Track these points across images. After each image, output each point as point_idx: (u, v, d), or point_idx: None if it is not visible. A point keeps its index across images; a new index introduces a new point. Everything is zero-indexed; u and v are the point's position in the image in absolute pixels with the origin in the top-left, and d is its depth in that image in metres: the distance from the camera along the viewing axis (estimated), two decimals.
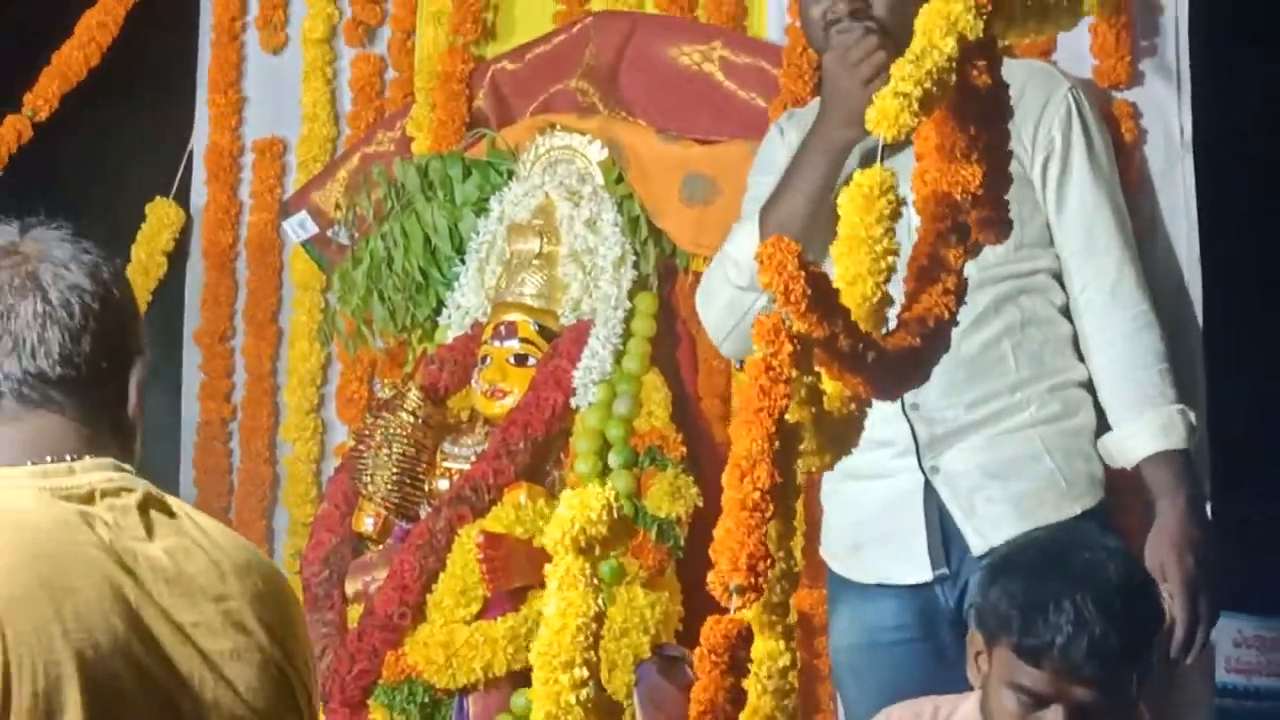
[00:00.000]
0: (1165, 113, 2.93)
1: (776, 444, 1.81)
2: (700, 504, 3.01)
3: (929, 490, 2.61)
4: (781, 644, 2.01)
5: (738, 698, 1.82)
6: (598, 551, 2.33)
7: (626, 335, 3.16)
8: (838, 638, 2.73)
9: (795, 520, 2.07)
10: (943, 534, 2.61)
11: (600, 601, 2.42)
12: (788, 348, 1.81)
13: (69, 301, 1.44)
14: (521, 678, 2.81)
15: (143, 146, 3.94)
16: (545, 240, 3.24)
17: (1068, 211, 2.65)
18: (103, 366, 1.46)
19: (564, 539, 2.31)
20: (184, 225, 3.86)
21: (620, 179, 3.27)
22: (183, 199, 3.90)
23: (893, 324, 1.99)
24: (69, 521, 1.38)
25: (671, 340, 3.26)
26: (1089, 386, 2.63)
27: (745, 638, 1.82)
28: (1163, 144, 2.91)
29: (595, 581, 2.32)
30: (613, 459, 3.04)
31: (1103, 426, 2.63)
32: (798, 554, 2.09)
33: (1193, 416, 2.58)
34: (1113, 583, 2.16)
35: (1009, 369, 2.62)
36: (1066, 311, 2.64)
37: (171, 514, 1.45)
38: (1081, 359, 2.64)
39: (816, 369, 1.89)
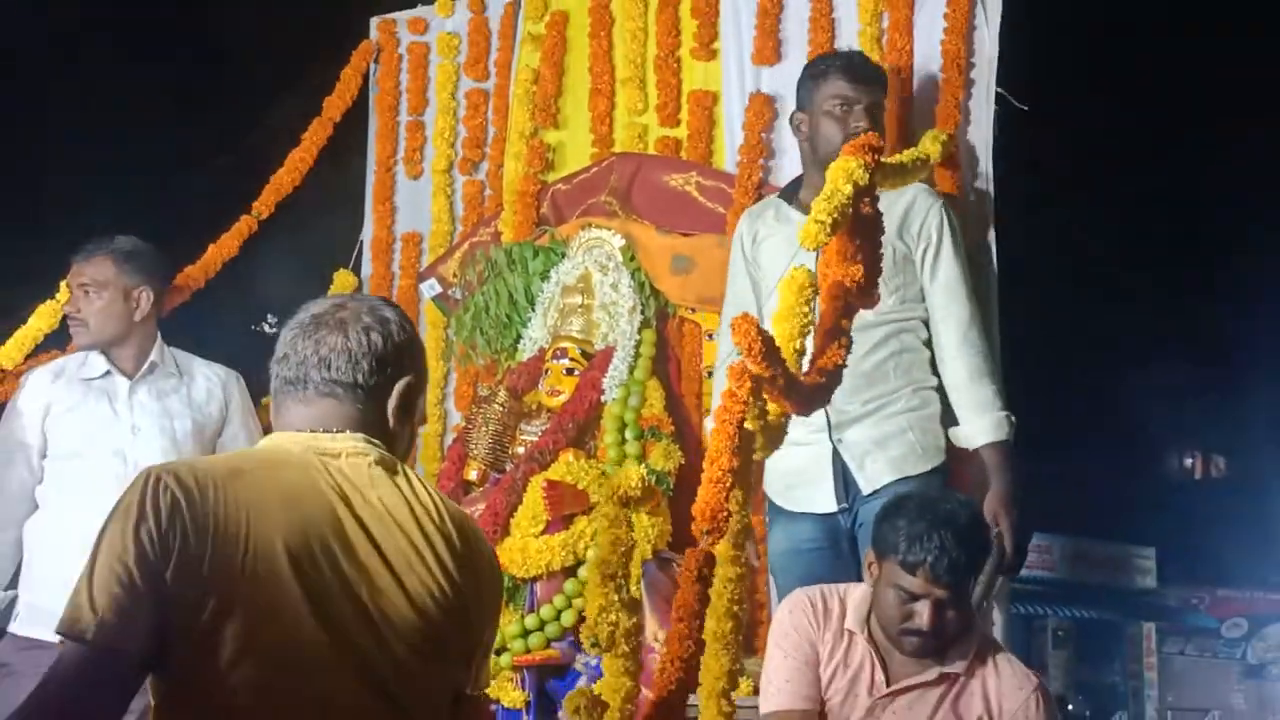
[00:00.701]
0: (979, 207, 3.08)
1: (737, 441, 1.90)
2: (682, 462, 3.21)
3: (836, 454, 2.75)
4: (737, 570, 2.07)
5: (704, 599, 1.94)
6: (632, 505, 2.52)
7: (636, 356, 3.35)
8: (773, 545, 2.84)
9: (750, 490, 2.17)
10: (844, 481, 2.74)
11: (633, 536, 2.49)
12: (748, 384, 1.90)
13: (361, 339, 1.49)
14: (570, 571, 3.08)
15: (331, 235, 4.22)
16: (585, 296, 3.42)
17: (937, 281, 2.78)
18: (375, 380, 1.49)
19: (614, 496, 2.49)
20: (356, 288, 4.02)
21: (633, 257, 3.44)
22: (356, 270, 4.10)
23: (806, 367, 2.06)
24: (314, 465, 1.42)
25: (664, 359, 3.44)
26: (939, 390, 2.78)
27: (710, 561, 1.94)
28: (978, 224, 3.04)
29: (629, 524, 2.44)
30: (628, 434, 3.26)
31: (948, 418, 2.78)
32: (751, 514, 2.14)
33: (1013, 419, 2.70)
34: (962, 523, 2.22)
35: (889, 378, 2.76)
36: (928, 343, 2.80)
37: (394, 474, 1.46)
38: (935, 373, 2.78)
39: (764, 396, 1.97)
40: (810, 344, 2.06)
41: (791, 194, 2.96)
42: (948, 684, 2.29)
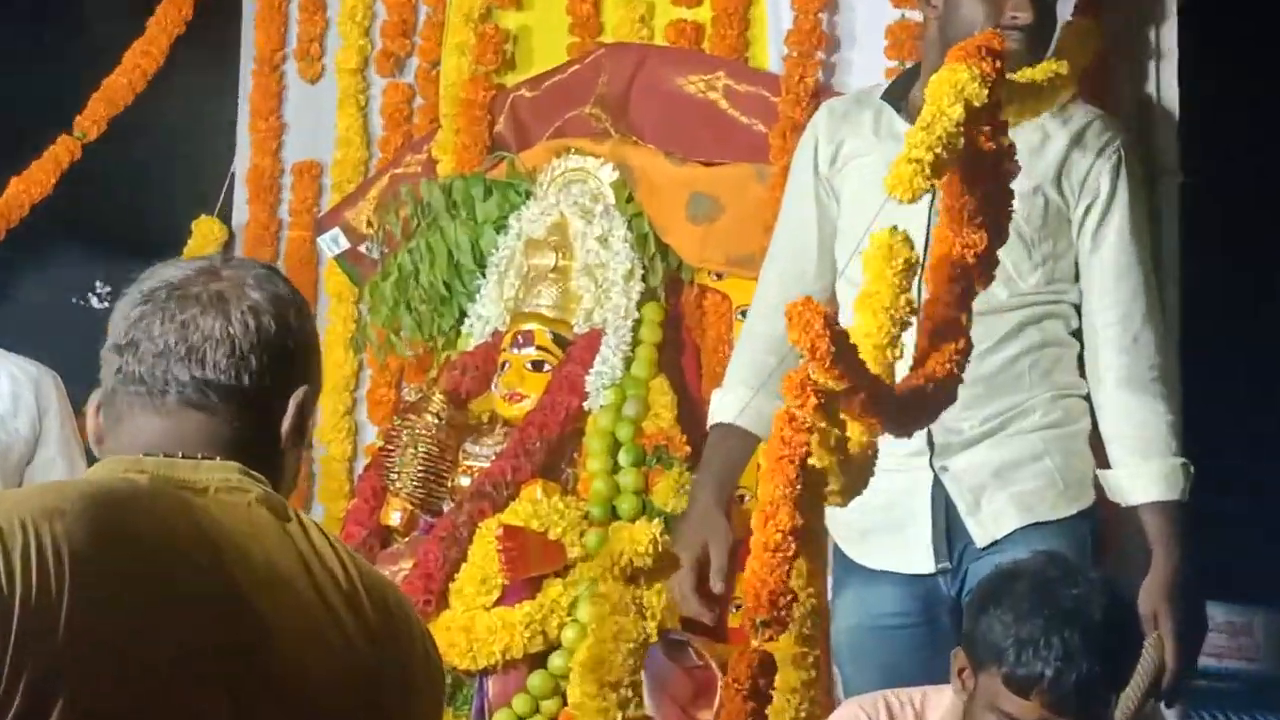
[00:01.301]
0: (1144, 144, 2.88)
1: (799, 487, 1.84)
2: None
3: (937, 487, 2.61)
4: (811, 674, 2.04)
5: None
6: (643, 582, 2.53)
7: (635, 343, 3.17)
8: (842, 618, 2.72)
9: (823, 557, 2.13)
10: (949, 527, 2.61)
11: (645, 628, 2.59)
12: (813, 401, 1.84)
13: (246, 322, 1.45)
14: (537, 660, 2.90)
15: (188, 168, 3.99)
16: (560, 255, 3.24)
17: (1101, 255, 2.64)
18: (265, 384, 1.46)
19: (613, 569, 2.51)
20: (226, 241, 3.88)
21: (630, 198, 3.27)
22: (225, 216, 3.93)
23: (908, 375, 2.00)
24: (170, 504, 1.39)
25: (677, 347, 3.26)
26: (1089, 399, 2.63)
27: (767, 667, 1.87)
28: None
29: (641, 608, 2.47)
30: (622, 457, 3.06)
31: (1097, 437, 2.63)
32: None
33: (1191, 470, 2.56)
34: (1097, 619, 2.13)
35: (1024, 385, 2.63)
36: (1078, 334, 2.65)
37: (284, 520, 1.44)
38: (1083, 375, 2.64)
39: (842, 418, 1.90)
40: (910, 340, 2.01)
41: (900, 95, 2.75)
42: None
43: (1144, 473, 2.56)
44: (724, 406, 2.73)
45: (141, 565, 1.32)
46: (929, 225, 2.31)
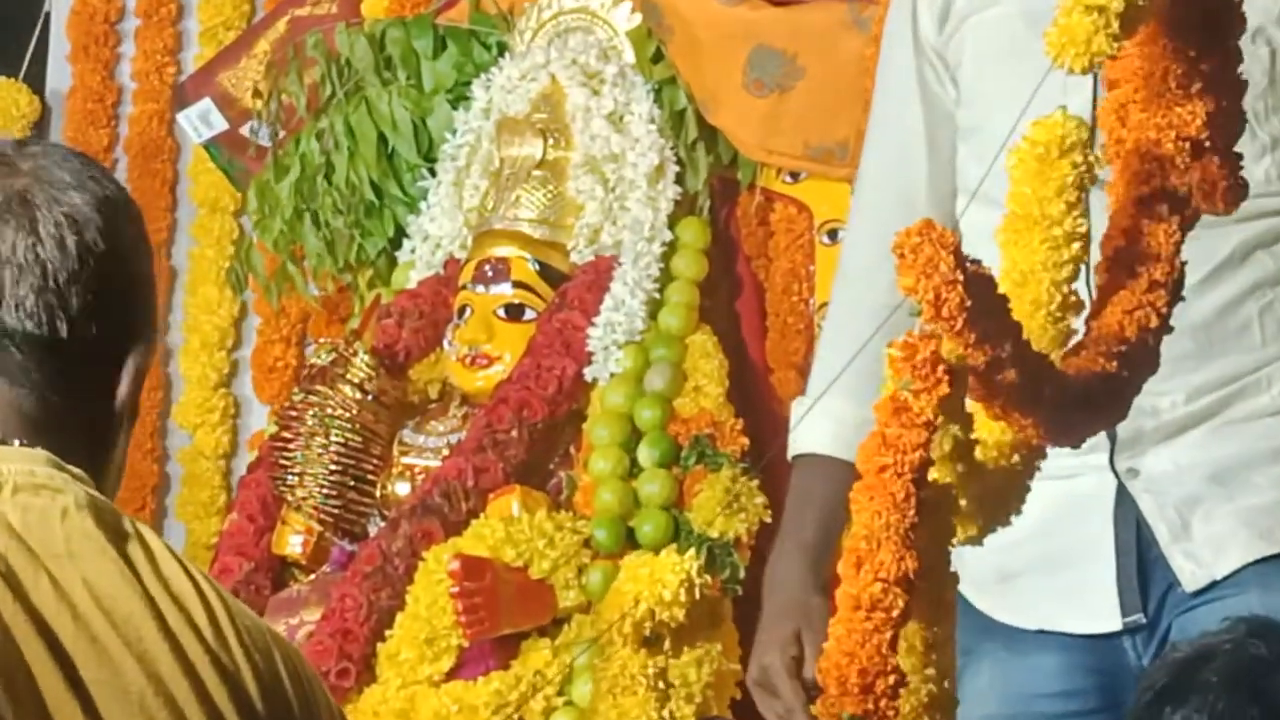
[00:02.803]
0: None
1: (913, 514, 1.79)
2: (768, 519, 2.92)
3: (1122, 499, 2.46)
4: None
5: None
6: (669, 647, 2.53)
7: (666, 279, 3.12)
8: (977, 706, 2.45)
9: (949, 624, 2.09)
10: (1139, 562, 2.46)
11: (668, 714, 2.62)
12: (944, 387, 1.78)
13: (63, 237, 1.47)
14: None
15: None
16: (551, 142, 3.19)
17: None
18: (91, 332, 1.48)
19: (623, 624, 2.49)
20: (39, 118, 3.89)
21: (659, 56, 3.22)
22: (37, 81, 3.94)
23: (1080, 337, 1.95)
24: None
25: (730, 286, 3.22)
26: None
27: None
28: None
29: (662, 685, 2.56)
30: (644, 453, 3.00)
31: None
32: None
33: None
34: None
35: (1253, 342, 2.51)
36: None
37: (120, 537, 1.44)
38: None
39: (968, 409, 1.86)
40: (1087, 290, 1.97)
41: None
42: None
43: None
44: (811, 430, 2.64)
45: None
46: (1093, 110, 2.22)
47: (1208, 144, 1.94)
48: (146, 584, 1.42)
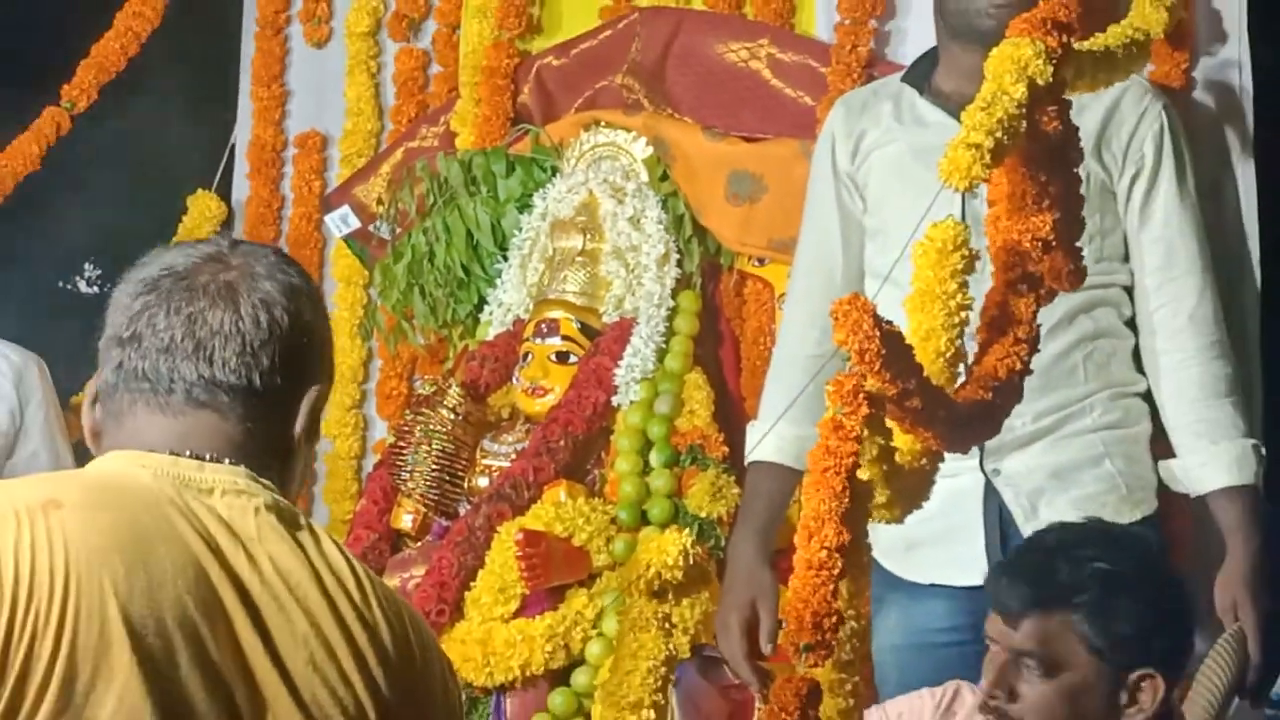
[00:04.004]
0: (1222, 118, 2.95)
1: (847, 502, 1.86)
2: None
3: (989, 491, 2.67)
4: (850, 702, 2.12)
5: None
6: (671, 597, 2.61)
7: (669, 333, 3.26)
8: (884, 636, 2.74)
9: (867, 575, 2.21)
10: (1003, 535, 2.66)
11: (672, 646, 2.68)
12: (864, 409, 1.86)
13: (257, 316, 1.48)
14: (559, 676, 3.00)
15: (184, 140, 4.08)
16: (589, 237, 3.33)
17: (1150, 229, 2.69)
18: (277, 383, 1.49)
19: (639, 582, 2.61)
20: (225, 219, 3.95)
21: (665, 176, 3.36)
22: (224, 192, 4.00)
23: (965, 377, 2.04)
24: (174, 502, 1.43)
25: (714, 339, 3.35)
26: (1148, 398, 2.71)
27: (814, 695, 1.93)
28: (1216, 150, 2.95)
29: (668, 625, 2.54)
30: (654, 457, 3.14)
31: (1161, 445, 2.70)
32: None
33: (1263, 451, 2.64)
34: (1051, 542, 2.17)
35: (1078, 380, 2.68)
36: (1132, 324, 2.71)
37: (294, 528, 1.47)
38: (1142, 372, 2.71)
39: (888, 426, 1.94)
40: (968, 340, 2.05)
41: (923, 77, 2.82)
42: None
43: (1210, 459, 2.62)
44: (761, 442, 2.72)
45: (141, 561, 1.37)
46: (962, 216, 2.34)
47: (1054, 243, 2.07)
48: (313, 560, 1.46)
